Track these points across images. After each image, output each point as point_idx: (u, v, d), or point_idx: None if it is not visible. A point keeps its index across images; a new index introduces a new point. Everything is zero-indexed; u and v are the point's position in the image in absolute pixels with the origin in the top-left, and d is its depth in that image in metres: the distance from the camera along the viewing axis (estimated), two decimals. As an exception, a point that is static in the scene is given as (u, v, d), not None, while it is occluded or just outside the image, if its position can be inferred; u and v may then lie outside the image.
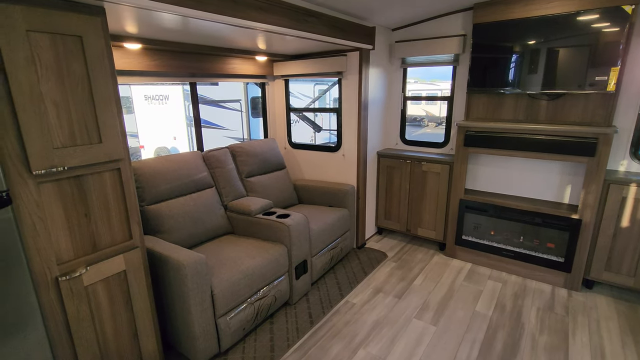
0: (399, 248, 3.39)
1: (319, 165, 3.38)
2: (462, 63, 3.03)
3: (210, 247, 2.30)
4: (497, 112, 2.89)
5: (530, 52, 2.56)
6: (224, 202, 2.62)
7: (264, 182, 2.95)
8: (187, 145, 7.17)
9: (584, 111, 2.55)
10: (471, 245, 3.04)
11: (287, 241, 2.31)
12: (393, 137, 3.60)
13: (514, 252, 2.84)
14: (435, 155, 3.22)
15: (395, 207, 3.45)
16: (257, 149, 2.98)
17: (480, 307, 2.46)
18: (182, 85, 7.03)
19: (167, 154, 7.57)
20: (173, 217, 2.21)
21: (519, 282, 2.77)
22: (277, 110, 3.52)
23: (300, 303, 2.48)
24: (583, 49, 2.37)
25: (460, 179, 2.96)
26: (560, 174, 2.74)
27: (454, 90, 3.14)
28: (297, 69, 3.17)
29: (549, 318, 2.32)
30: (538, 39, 2.51)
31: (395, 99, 3.48)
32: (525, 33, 2.55)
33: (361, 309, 2.44)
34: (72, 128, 1.30)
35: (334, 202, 3.08)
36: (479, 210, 2.95)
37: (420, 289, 2.68)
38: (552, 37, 2.46)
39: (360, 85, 2.92)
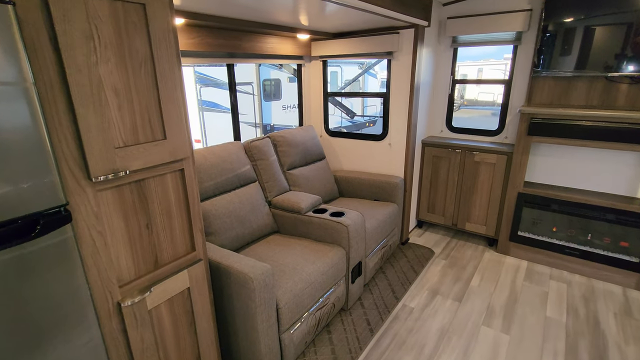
0: (445, 243, 3.17)
1: (360, 155, 3.13)
2: (526, 42, 2.72)
3: (260, 249, 2.07)
4: (564, 97, 2.61)
5: (618, 28, 2.26)
6: (268, 197, 2.38)
7: (306, 174, 2.70)
8: (198, 132, 6.87)
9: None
10: (528, 242, 2.82)
11: (345, 243, 2.09)
12: (438, 124, 3.33)
13: (579, 250, 2.62)
14: (487, 144, 2.96)
15: (440, 199, 3.21)
16: (298, 138, 2.72)
17: (551, 311, 2.26)
18: (193, 67, 6.68)
19: (179, 139, 7.28)
20: (220, 217, 1.97)
21: (584, 282, 2.57)
22: (314, 95, 3.23)
23: (355, 308, 2.27)
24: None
25: (520, 170, 2.71)
26: (635, 166, 2.48)
27: (513, 72, 2.84)
28: (339, 49, 2.87)
29: (631, 326, 2.13)
30: (629, 10, 2.20)
31: (443, 82, 3.19)
32: (613, 4, 2.24)
33: (422, 314, 2.24)
34: (135, 122, 1.04)
35: (380, 196, 2.84)
36: (540, 205, 2.71)
37: (479, 290, 2.48)
38: (644, 11, 2.16)
39: (413, 66, 2.63)
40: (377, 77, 10.99)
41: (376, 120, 10.01)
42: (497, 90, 13.68)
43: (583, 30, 2.36)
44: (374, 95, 3.04)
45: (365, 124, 9.40)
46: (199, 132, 6.99)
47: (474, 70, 13.94)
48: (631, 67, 2.28)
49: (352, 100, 8.60)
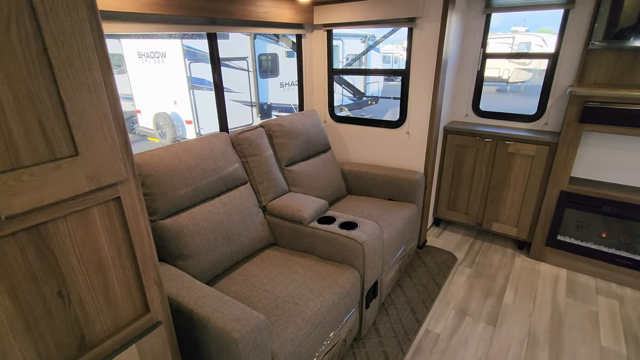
0: (467, 246, 2.76)
1: (372, 145, 2.65)
2: (581, 5, 2.19)
3: (252, 272, 1.64)
4: (629, 75, 2.11)
5: None
6: (262, 202, 1.93)
7: (309, 170, 2.24)
8: (189, 111, 6.32)
9: None
10: (569, 248, 2.40)
11: (360, 263, 1.66)
12: (463, 107, 2.83)
13: (633, 260, 2.21)
14: (524, 132, 2.48)
15: (463, 195, 2.77)
16: (299, 126, 2.24)
17: (605, 339, 1.87)
18: (181, 40, 6.04)
19: (168, 120, 6.74)
20: (199, 234, 1.53)
21: (638, 297, 2.17)
22: (316, 72, 2.71)
23: (369, 337, 1.88)
24: None
25: (566, 165, 2.25)
26: None
27: (561, 44, 2.33)
28: (348, 15, 2.33)
29: None
30: None
31: (471, 56, 2.67)
32: None
33: (449, 343, 1.85)
34: (9, 129, 0.57)
35: (397, 195, 2.40)
36: (588, 206, 2.27)
37: (515, 310, 2.08)
38: None
39: (442, 36, 2.11)
40: (380, 52, 10.28)
41: (378, 98, 9.42)
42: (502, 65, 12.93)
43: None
44: (390, 73, 2.53)
45: (368, 102, 8.82)
46: (189, 113, 6.45)
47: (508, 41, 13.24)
48: None
49: (353, 77, 7.98)
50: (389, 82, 12.53)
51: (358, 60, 7.72)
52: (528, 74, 13.22)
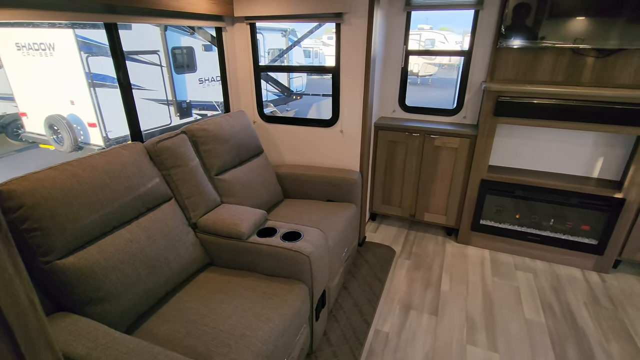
0: (403, 238, 2.86)
1: (306, 145, 2.55)
2: (489, 7, 2.36)
3: (187, 303, 1.42)
4: (530, 72, 2.35)
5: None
6: (192, 219, 1.70)
7: (242, 177, 2.05)
8: (92, 112, 5.48)
9: (637, 72, 2.13)
10: (490, 231, 2.63)
11: (307, 276, 1.55)
12: (390, 103, 2.89)
13: (541, 236, 2.50)
14: (446, 125, 2.63)
15: (397, 189, 2.85)
16: (227, 129, 2.02)
17: (528, 312, 2.07)
18: (73, 30, 5.18)
19: (64, 124, 5.77)
20: (115, 269, 1.26)
21: (547, 268, 2.47)
22: (241, 69, 2.50)
23: (321, 349, 1.80)
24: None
25: (485, 155, 2.44)
26: (594, 146, 2.38)
27: (473, 42, 2.49)
28: (271, 8, 2.17)
29: (602, 316, 2.04)
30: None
31: (395, 53, 2.72)
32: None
33: (399, 341, 1.87)
34: None
35: (335, 196, 2.34)
36: (504, 192, 2.50)
37: (453, 296, 2.20)
38: (622, -26, 1.92)
39: (369, 32, 2.08)
40: (301, 46, 10.24)
41: (305, 93, 9.39)
42: (413, 59, 13.98)
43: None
44: (321, 71, 2.44)
45: (293, 97, 8.73)
46: (92, 114, 5.59)
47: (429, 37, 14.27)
48: (598, 39, 2.06)
49: (277, 73, 7.79)
50: (313, 76, 12.59)
51: (282, 55, 7.55)
52: (434, 68, 14.47)
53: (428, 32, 16.08)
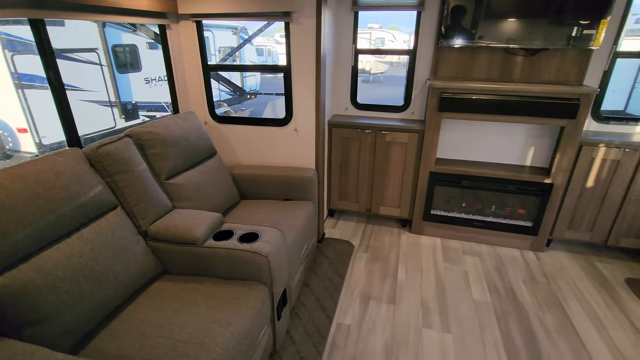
0: (360, 232, 2.94)
1: (261, 145, 2.53)
2: (429, 8, 2.50)
3: (140, 315, 1.35)
4: (468, 69, 2.53)
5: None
6: (142, 227, 1.62)
7: (195, 180, 1.99)
8: (22, 117, 4.98)
9: (558, 69, 2.38)
10: (440, 220, 2.80)
11: (266, 277, 1.55)
12: (343, 101, 2.95)
13: (484, 221, 2.71)
14: (396, 122, 2.74)
15: (352, 185, 2.92)
16: (176, 131, 1.95)
17: (476, 293, 2.24)
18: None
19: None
20: (54, 287, 1.17)
21: (491, 251, 2.68)
22: (188, 68, 2.41)
23: (285, 348, 1.80)
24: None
25: (432, 149, 2.58)
26: (526, 137, 2.62)
27: (417, 41, 2.62)
28: (218, 5, 2.12)
29: (538, 290, 2.26)
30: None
31: (345, 52, 2.78)
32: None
33: (360, 331, 1.93)
34: None
35: (293, 194, 2.35)
36: (451, 182, 2.67)
37: (408, 284, 2.31)
38: (542, -19, 2.12)
39: (318, 31, 2.11)
40: (253, 45, 10.06)
41: (259, 92, 9.25)
42: (364, 57, 14.40)
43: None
44: (272, 70, 2.43)
45: (247, 96, 8.57)
46: (22, 119, 5.07)
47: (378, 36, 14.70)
48: (526, 39, 2.27)
49: (229, 72, 7.59)
50: (267, 75, 12.43)
51: (233, 54, 7.36)
52: (385, 66, 14.96)
53: (378, 31, 16.55)
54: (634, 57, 2.38)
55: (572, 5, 2.12)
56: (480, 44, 2.35)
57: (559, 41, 2.22)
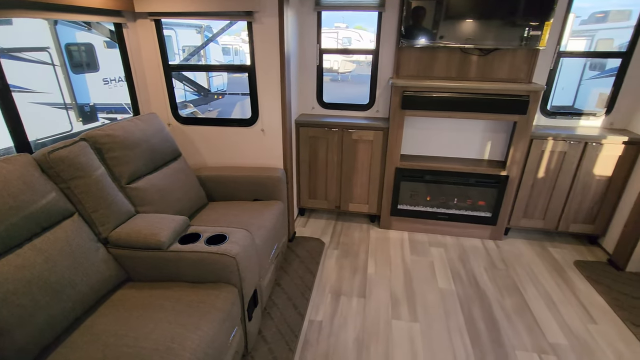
0: (331, 229, 2.98)
1: (228, 145, 2.50)
2: (390, 9, 2.57)
3: (102, 325, 1.31)
4: (429, 68, 2.63)
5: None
6: (102, 234, 1.56)
7: (159, 184, 1.93)
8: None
9: (510, 67, 2.53)
10: (407, 214, 2.89)
11: (235, 278, 1.54)
12: (309, 100, 2.97)
13: (448, 214, 2.83)
14: (362, 120, 2.80)
15: (321, 183, 2.95)
16: (137, 133, 1.88)
17: (441, 282, 2.34)
18: None
19: None
20: (4, 301, 1.10)
21: (455, 242, 2.81)
22: (149, 69, 2.33)
23: (257, 348, 1.80)
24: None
25: (396, 145, 2.67)
26: (483, 132, 2.76)
27: (379, 41, 2.69)
28: (178, 4, 2.07)
29: (498, 276, 2.40)
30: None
31: (310, 51, 2.80)
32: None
33: (332, 327, 1.97)
34: None
35: (261, 194, 2.34)
36: (416, 178, 2.77)
37: (378, 278, 2.38)
38: (492, -16, 2.25)
39: (281, 31, 2.11)
40: (219, 44, 9.86)
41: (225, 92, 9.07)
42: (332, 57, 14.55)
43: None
44: (236, 70, 2.40)
45: (214, 97, 8.39)
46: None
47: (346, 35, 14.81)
48: (480, 40, 2.40)
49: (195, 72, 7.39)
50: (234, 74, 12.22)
51: (197, 53, 7.17)
52: (353, 65, 15.15)
53: (345, 31, 16.73)
54: (575, 56, 2.58)
55: (520, 8, 2.26)
56: (438, 44, 2.45)
57: (509, 41, 2.36)
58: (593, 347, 1.85)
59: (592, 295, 2.23)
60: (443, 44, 2.44)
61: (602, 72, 6.53)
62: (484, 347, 1.84)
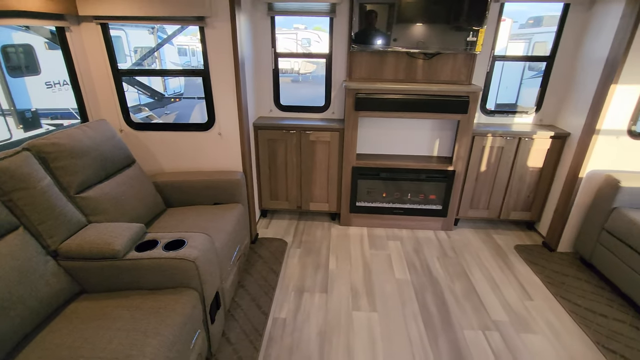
0: (293, 229, 3.04)
1: (185, 151, 2.47)
2: (340, 14, 2.68)
3: (56, 339, 1.27)
4: (379, 71, 2.78)
5: (410, 5, 2.46)
6: (51, 246, 1.50)
7: (112, 192, 1.89)
8: None
9: (452, 70, 2.73)
10: (365, 211, 3.03)
11: (196, 282, 1.56)
12: (266, 103, 3.01)
13: (403, 209, 3.00)
14: (319, 121, 2.89)
15: (282, 184, 3.00)
16: (85, 141, 1.83)
17: (398, 273, 2.49)
18: None
19: None
20: (-54, 321, 1.05)
21: (410, 235, 2.99)
22: (96, 73, 2.26)
23: (221, 350, 1.82)
24: (461, 6, 2.45)
25: (352, 145, 2.78)
26: (432, 130, 2.96)
27: (332, 45, 2.79)
28: (124, 8, 2.02)
29: (449, 264, 2.60)
30: (422, -6, 2.43)
31: (265, 55, 2.84)
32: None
33: (295, 323, 2.03)
34: None
35: (221, 198, 2.35)
36: (372, 175, 2.90)
37: (339, 273, 2.48)
38: (432, -6, 2.42)
39: (234, 35, 2.14)
40: (174, 44, 9.54)
41: (182, 94, 8.81)
42: (293, 58, 14.62)
43: (388, 7, 2.48)
44: (189, 74, 2.39)
45: (171, 100, 8.12)
46: None
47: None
48: (425, 45, 2.57)
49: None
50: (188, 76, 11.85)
51: (148, 56, 6.91)
52: (313, 66, 15.29)
53: (304, 32, 16.82)
54: (507, 60, 2.84)
55: (458, 16, 2.46)
56: (387, 49, 2.59)
57: (451, 46, 2.55)
58: (529, 320, 2.07)
59: (529, 275, 2.48)
60: (391, 49, 2.59)
61: (538, 73, 7.16)
62: (435, 330, 1.99)
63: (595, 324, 2.03)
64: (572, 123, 2.63)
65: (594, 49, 2.45)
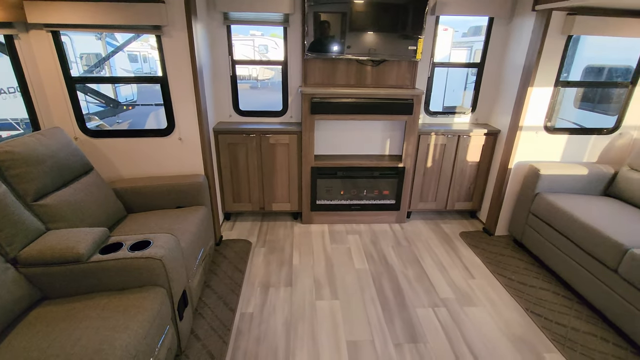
0: (257, 230, 3.14)
1: (144, 157, 2.49)
2: (294, 24, 2.84)
3: (19, 345, 1.28)
4: (332, 77, 2.97)
5: (358, 16, 2.69)
6: (10, 254, 1.50)
7: (70, 199, 1.89)
8: None
9: (397, 76, 3.00)
10: (325, 208, 3.20)
11: (163, 280, 1.62)
12: (226, 109, 3.09)
13: (360, 204, 3.21)
14: (277, 125, 3.03)
15: (244, 187, 3.09)
16: (40, 149, 1.82)
17: (357, 264, 2.67)
18: None
19: None
20: None
21: (368, 229, 3.20)
22: (47, 81, 2.22)
23: (190, 346, 1.88)
24: (402, 17, 2.71)
25: (310, 147, 2.95)
26: (383, 131, 3.20)
27: (287, 53, 2.95)
28: (76, 16, 2.03)
29: (403, 252, 2.83)
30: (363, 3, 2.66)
31: (222, 62, 2.93)
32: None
33: (262, 316, 2.14)
34: None
35: (183, 201, 2.40)
36: (330, 175, 3.08)
37: (302, 267, 2.62)
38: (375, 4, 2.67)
39: (191, 44, 2.22)
40: (124, 51, 9.20)
41: (135, 102, 8.52)
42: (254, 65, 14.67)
43: (336, 16, 2.68)
44: (148, 81, 2.43)
45: (124, 107, 7.83)
46: None
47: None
48: (372, 52, 2.81)
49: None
50: (145, 84, 11.47)
51: (100, 65, 6.65)
52: (272, 72, 15.37)
53: (261, 38, 16.86)
54: (445, 66, 3.16)
55: (404, 26, 2.72)
56: (340, 57, 2.80)
57: (395, 54, 2.81)
58: (471, 296, 2.34)
59: (472, 257, 2.78)
60: (343, 57, 2.80)
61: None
62: (392, 311, 2.19)
63: (525, 294, 2.34)
64: (501, 121, 3.00)
65: (515, 56, 2.83)
